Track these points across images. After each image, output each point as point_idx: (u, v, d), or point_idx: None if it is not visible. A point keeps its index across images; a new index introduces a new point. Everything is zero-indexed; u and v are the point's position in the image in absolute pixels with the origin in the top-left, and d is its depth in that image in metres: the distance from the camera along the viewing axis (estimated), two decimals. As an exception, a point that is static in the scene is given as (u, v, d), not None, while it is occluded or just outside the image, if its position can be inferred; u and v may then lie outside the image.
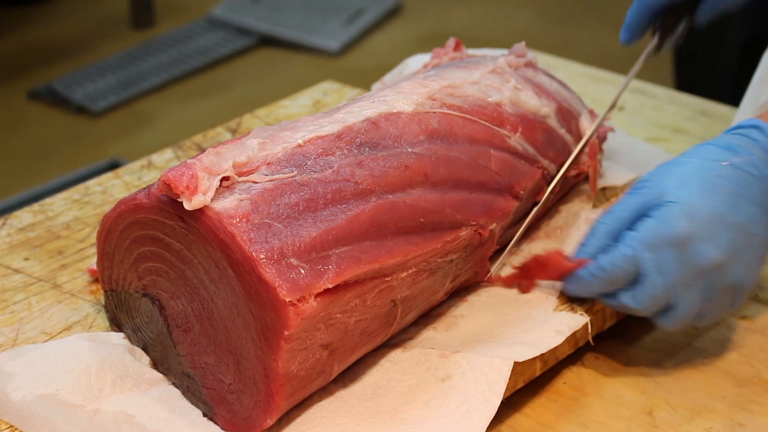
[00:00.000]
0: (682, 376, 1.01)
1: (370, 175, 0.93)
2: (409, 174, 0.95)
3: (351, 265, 0.88)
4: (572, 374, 1.01)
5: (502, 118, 1.05)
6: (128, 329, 0.99)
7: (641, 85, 1.51)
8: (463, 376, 0.92)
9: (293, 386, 0.88)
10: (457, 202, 0.97)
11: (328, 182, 0.91)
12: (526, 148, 1.06)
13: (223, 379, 0.90)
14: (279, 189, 0.89)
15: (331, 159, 0.93)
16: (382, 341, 0.96)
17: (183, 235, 0.89)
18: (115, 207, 0.94)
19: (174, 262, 0.91)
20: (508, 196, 1.03)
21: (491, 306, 1.04)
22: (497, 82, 1.09)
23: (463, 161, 1.00)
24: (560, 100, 1.13)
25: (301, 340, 0.86)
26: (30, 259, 1.11)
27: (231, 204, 0.86)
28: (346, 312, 0.89)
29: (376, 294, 0.91)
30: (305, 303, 0.84)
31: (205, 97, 3.21)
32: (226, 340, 0.89)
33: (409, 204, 0.94)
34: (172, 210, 0.88)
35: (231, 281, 0.86)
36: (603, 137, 1.21)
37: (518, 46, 1.18)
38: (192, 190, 0.86)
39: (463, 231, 0.97)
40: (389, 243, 0.91)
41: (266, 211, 0.87)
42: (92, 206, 1.19)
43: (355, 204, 0.91)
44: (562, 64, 1.56)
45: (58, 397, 0.91)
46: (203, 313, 0.90)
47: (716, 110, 1.45)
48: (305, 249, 0.86)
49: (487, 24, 3.86)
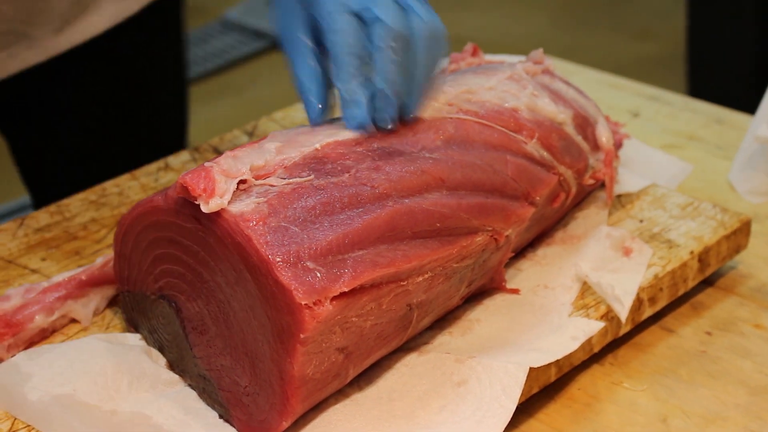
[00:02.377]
0: (696, 384, 1.01)
1: (387, 179, 0.93)
2: (426, 179, 0.95)
3: (367, 269, 0.88)
4: (587, 380, 1.01)
5: (518, 124, 1.06)
6: (145, 330, 0.99)
7: (656, 92, 1.51)
8: (479, 381, 0.93)
9: (309, 389, 0.88)
10: (473, 207, 0.97)
11: (345, 186, 0.91)
12: (542, 155, 1.06)
13: (239, 382, 0.90)
14: (296, 192, 0.89)
15: (348, 163, 0.94)
16: (398, 345, 0.97)
17: (200, 237, 0.89)
18: (132, 209, 0.95)
19: (191, 264, 0.91)
20: (524, 202, 1.03)
21: (506, 310, 1.04)
22: (514, 89, 1.09)
23: (480, 166, 1.00)
24: (577, 107, 1.14)
25: (317, 344, 0.86)
26: (47, 259, 1.12)
27: (248, 207, 0.87)
28: (362, 316, 0.89)
29: (392, 298, 0.91)
30: (321, 306, 0.85)
31: (220, 100, 3.22)
32: (242, 343, 0.89)
33: (426, 209, 0.94)
34: (188, 212, 0.89)
35: (247, 284, 0.87)
36: (619, 144, 1.21)
37: (536, 53, 1.18)
38: (209, 193, 0.86)
39: (479, 236, 0.98)
40: (405, 247, 0.92)
41: (283, 215, 0.87)
42: (109, 207, 1.20)
43: (372, 208, 0.91)
44: (577, 70, 1.56)
45: (74, 397, 0.91)
46: (219, 315, 0.91)
47: (731, 117, 1.45)
48: (321, 252, 0.87)
49: (500, 29, 3.86)
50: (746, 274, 1.16)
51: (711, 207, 1.17)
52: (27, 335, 0.99)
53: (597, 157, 1.14)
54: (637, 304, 1.05)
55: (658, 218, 1.15)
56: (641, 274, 1.06)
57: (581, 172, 1.11)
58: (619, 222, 1.15)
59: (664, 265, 1.08)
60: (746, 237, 1.16)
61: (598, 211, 1.16)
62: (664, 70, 3.59)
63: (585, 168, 1.12)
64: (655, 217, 1.16)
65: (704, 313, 1.11)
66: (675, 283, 1.09)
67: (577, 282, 1.06)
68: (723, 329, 1.08)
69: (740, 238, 1.15)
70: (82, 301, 1.03)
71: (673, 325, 1.09)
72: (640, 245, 1.08)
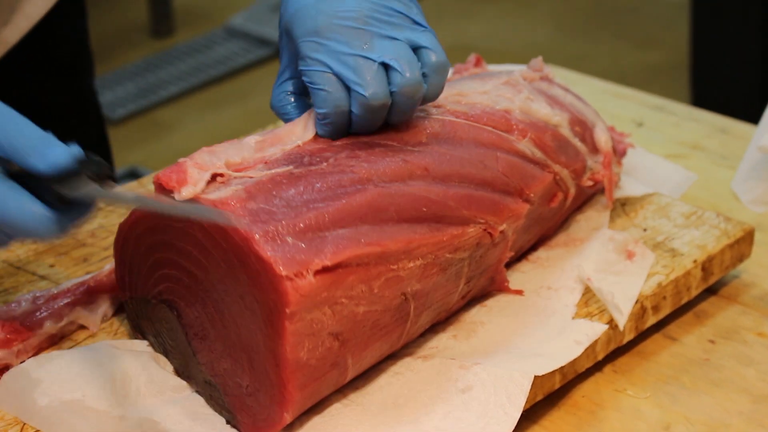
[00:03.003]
0: (699, 392, 1.02)
1: (368, 166, 0.95)
2: (409, 167, 0.97)
3: (350, 244, 0.89)
4: (591, 388, 1.02)
5: (509, 125, 1.07)
6: (150, 336, 1.00)
7: (660, 102, 1.52)
8: (484, 388, 0.93)
9: (305, 376, 0.89)
10: (461, 196, 0.98)
11: (325, 173, 0.93)
12: (534, 153, 1.07)
13: (240, 383, 0.91)
14: (274, 180, 0.92)
15: (327, 155, 0.96)
16: (399, 341, 0.97)
17: (189, 235, 0.91)
18: (130, 214, 0.96)
19: (186, 266, 0.93)
20: (517, 198, 1.04)
21: (510, 312, 1.05)
22: (509, 93, 1.10)
23: (468, 160, 1.01)
24: (574, 111, 1.15)
25: (306, 323, 0.87)
26: (55, 265, 1.13)
27: (226, 194, 0.89)
28: (352, 298, 0.90)
29: (383, 282, 0.92)
30: (303, 279, 0.86)
31: (223, 107, 3.23)
32: (238, 339, 0.90)
33: (409, 192, 0.95)
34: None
35: (235, 271, 0.88)
36: (623, 153, 1.22)
37: (535, 61, 1.19)
38: (181, 183, 0.89)
39: (471, 227, 0.99)
40: (390, 229, 0.93)
41: (261, 198, 0.90)
42: (117, 215, 1.21)
43: (351, 190, 0.93)
44: (582, 80, 1.57)
45: (83, 403, 0.92)
46: (216, 315, 0.92)
47: (735, 127, 1.46)
48: (301, 229, 0.88)
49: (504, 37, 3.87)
50: (749, 282, 1.17)
51: (714, 216, 1.17)
52: (36, 341, 1.00)
53: (596, 159, 1.14)
54: (641, 313, 1.06)
55: (662, 227, 1.16)
56: (643, 279, 1.06)
57: (579, 172, 1.12)
58: (623, 230, 1.16)
59: (667, 274, 1.09)
60: (749, 246, 1.17)
61: (600, 214, 1.17)
62: (668, 79, 3.60)
63: (583, 169, 1.13)
64: (659, 225, 1.17)
65: (707, 322, 1.11)
66: (678, 291, 1.09)
67: (580, 283, 1.06)
68: (726, 337, 1.09)
69: (743, 247, 1.16)
70: (91, 308, 1.04)
71: (677, 333, 1.10)
72: (643, 249, 1.09)
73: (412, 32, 0.99)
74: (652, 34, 3.99)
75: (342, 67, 0.96)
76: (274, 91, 1.04)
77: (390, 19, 0.99)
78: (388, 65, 0.97)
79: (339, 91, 0.97)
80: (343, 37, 0.97)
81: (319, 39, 0.97)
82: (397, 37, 0.98)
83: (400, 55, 0.97)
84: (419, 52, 0.99)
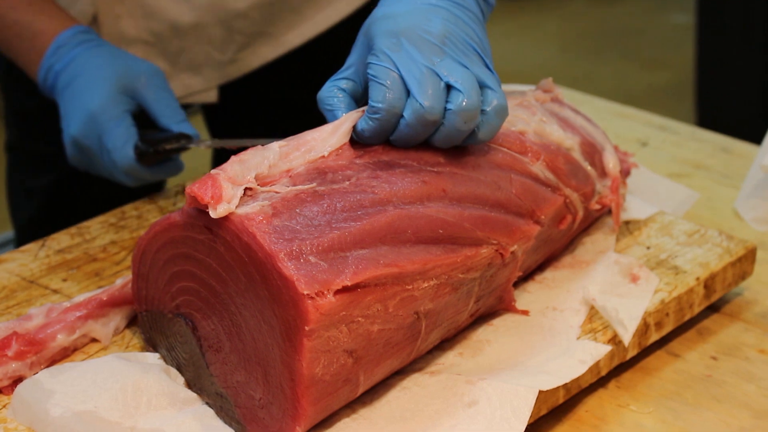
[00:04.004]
0: (701, 407, 1.03)
1: (388, 187, 0.96)
2: (428, 189, 0.98)
3: (369, 266, 0.91)
4: (594, 403, 1.03)
5: (524, 147, 1.08)
6: (163, 349, 1.02)
7: (664, 122, 1.53)
8: (489, 402, 0.95)
9: (319, 391, 0.90)
10: (476, 218, 1.00)
11: (346, 192, 0.95)
12: (547, 176, 1.08)
13: (253, 395, 0.93)
14: (298, 198, 0.93)
15: (349, 173, 0.97)
16: (409, 357, 0.99)
17: (212, 248, 0.92)
18: (149, 229, 0.98)
19: (205, 279, 0.94)
20: (529, 220, 1.05)
21: (515, 331, 1.06)
22: (524, 114, 1.12)
23: (483, 182, 1.02)
24: (585, 134, 1.16)
25: (324, 340, 0.89)
26: (68, 280, 1.15)
27: (253, 209, 0.91)
28: (368, 317, 0.91)
29: (398, 302, 0.94)
30: (323, 298, 0.88)
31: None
32: (254, 352, 0.92)
33: (428, 214, 0.97)
34: (201, 224, 0.92)
35: (256, 286, 0.90)
36: (627, 172, 1.24)
37: (545, 82, 1.21)
38: (217, 199, 0.90)
39: (484, 248, 1.00)
40: (408, 250, 0.94)
41: (286, 216, 0.91)
42: (128, 230, 1.23)
43: (372, 211, 0.94)
44: (587, 100, 1.58)
45: (95, 414, 0.93)
46: (232, 328, 0.93)
47: (737, 147, 1.47)
48: (323, 249, 0.90)
49: (510, 57, 3.89)
50: (751, 300, 1.18)
51: (717, 234, 1.19)
52: (49, 353, 1.02)
53: (604, 183, 1.16)
54: (644, 329, 1.07)
55: (665, 245, 1.18)
56: (647, 301, 1.08)
57: (588, 196, 1.13)
58: (627, 248, 1.17)
59: (670, 291, 1.10)
60: (752, 264, 1.18)
61: (606, 237, 1.18)
62: (674, 99, 3.61)
63: (592, 192, 1.14)
64: (662, 243, 1.18)
65: (710, 338, 1.13)
66: (681, 308, 1.11)
67: (585, 305, 1.08)
68: (728, 354, 1.10)
69: (746, 265, 1.17)
70: (103, 321, 1.05)
71: (679, 349, 1.11)
72: (647, 273, 1.11)
73: (482, 71, 1.01)
74: (658, 55, 4.01)
75: (409, 73, 0.98)
76: (327, 84, 1.05)
77: (466, 51, 1.01)
78: (452, 86, 0.98)
79: (399, 91, 0.98)
80: (420, 46, 0.99)
81: (398, 39, 0.99)
82: (468, 68, 0.99)
83: (466, 81, 0.98)
84: (484, 90, 1.00)
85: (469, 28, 1.03)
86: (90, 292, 1.07)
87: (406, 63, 0.98)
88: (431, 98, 0.97)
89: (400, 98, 0.97)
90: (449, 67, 0.98)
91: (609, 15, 4.38)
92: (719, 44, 3.12)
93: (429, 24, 1.00)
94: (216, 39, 1.39)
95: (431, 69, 0.98)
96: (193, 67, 1.40)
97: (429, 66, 0.98)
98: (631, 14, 4.38)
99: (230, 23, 1.38)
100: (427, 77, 0.97)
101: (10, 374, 0.99)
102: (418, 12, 1.01)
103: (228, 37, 1.39)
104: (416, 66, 0.98)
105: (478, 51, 1.02)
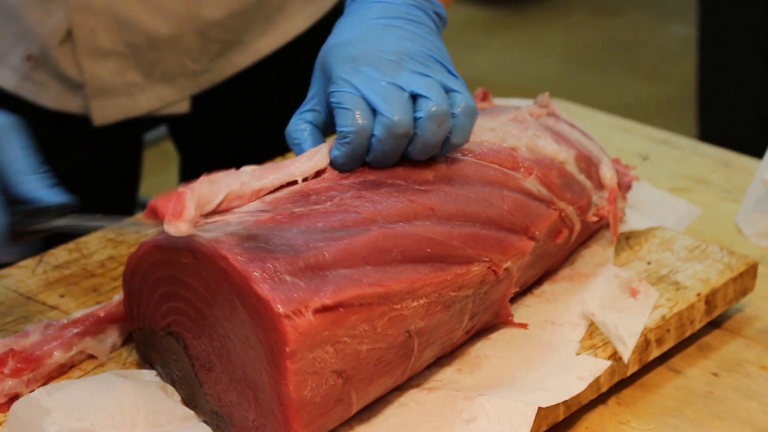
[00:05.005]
0: (703, 424, 1.03)
1: (372, 206, 0.96)
2: (414, 207, 0.97)
3: (351, 285, 0.90)
4: (594, 419, 1.03)
5: (516, 162, 1.08)
6: (158, 366, 1.01)
7: (666, 136, 1.53)
8: (488, 418, 0.94)
9: (310, 413, 0.89)
10: (466, 236, 0.99)
11: (328, 213, 0.94)
12: (540, 190, 1.08)
13: (247, 416, 0.92)
14: (275, 219, 0.92)
15: (333, 194, 0.96)
16: (403, 375, 0.98)
17: (197, 273, 0.92)
18: (139, 247, 0.97)
19: (192, 301, 0.94)
20: (523, 236, 1.04)
21: (514, 346, 1.06)
22: (516, 129, 1.11)
23: (474, 199, 1.02)
24: (580, 147, 1.16)
25: (309, 362, 0.88)
26: (65, 296, 1.14)
27: (224, 232, 0.90)
28: (354, 337, 0.91)
29: (387, 321, 0.93)
30: (301, 317, 0.87)
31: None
32: (244, 376, 0.91)
33: (414, 233, 0.96)
34: (185, 247, 0.91)
35: (239, 311, 0.89)
36: (628, 186, 1.23)
37: (542, 97, 1.20)
38: (176, 216, 0.88)
39: (476, 266, 0.99)
40: (394, 269, 0.93)
41: (261, 237, 0.90)
42: (126, 245, 1.22)
43: (355, 231, 0.93)
44: (588, 114, 1.58)
45: (92, 432, 0.93)
46: (222, 351, 0.93)
47: (739, 161, 1.47)
48: (301, 268, 0.89)
49: (511, 70, 3.89)
50: (753, 316, 1.18)
51: (718, 250, 1.18)
52: (45, 370, 1.01)
53: (601, 195, 1.15)
54: (645, 345, 1.06)
55: (665, 260, 1.17)
56: (647, 316, 1.07)
57: (584, 209, 1.13)
58: (628, 264, 1.17)
59: (671, 307, 1.10)
60: (753, 279, 1.18)
61: (605, 250, 1.18)
62: (676, 112, 3.61)
63: (588, 205, 1.14)
64: (662, 259, 1.17)
65: (711, 355, 1.12)
66: (682, 324, 1.10)
67: (584, 319, 1.07)
68: (729, 370, 1.10)
69: (747, 281, 1.17)
70: (100, 338, 1.05)
71: (680, 365, 1.11)
72: (646, 287, 1.10)
73: (445, 77, 1.00)
74: (660, 67, 4.01)
75: (371, 92, 0.97)
76: (293, 119, 1.05)
77: (426, 62, 1.01)
78: (417, 95, 0.98)
79: (365, 112, 0.97)
80: (377, 67, 0.99)
81: (354, 65, 0.99)
82: (430, 75, 0.99)
83: (430, 87, 0.98)
84: (450, 94, 1.00)
85: (426, 41, 1.03)
86: (87, 309, 1.06)
87: (367, 83, 0.98)
88: (398, 110, 0.96)
89: (367, 118, 0.97)
90: (410, 78, 0.98)
91: (610, 27, 4.38)
92: (720, 56, 3.12)
93: (382, 44, 1.00)
94: (192, 49, 1.38)
95: (392, 83, 0.98)
96: (167, 77, 1.39)
97: (390, 81, 0.98)
98: (633, 26, 4.38)
99: (206, 33, 1.37)
100: (390, 91, 0.97)
101: (6, 392, 0.99)
102: (370, 35, 1.02)
103: (204, 47, 1.38)
104: (377, 83, 0.97)
105: (438, 60, 1.02)
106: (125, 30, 1.32)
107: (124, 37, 1.33)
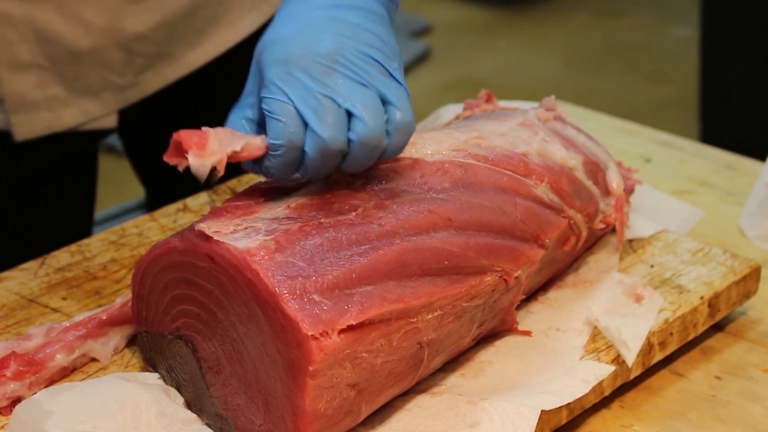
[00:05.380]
0: (706, 428, 1.02)
1: (394, 217, 0.96)
2: (433, 218, 0.97)
3: (375, 303, 0.90)
4: (598, 423, 1.03)
5: (528, 169, 1.08)
6: (162, 370, 1.01)
7: (668, 138, 1.53)
8: (491, 422, 0.94)
9: (321, 425, 0.89)
10: (482, 246, 0.99)
11: (352, 224, 0.94)
12: (551, 198, 1.08)
13: (254, 420, 0.92)
14: (302, 230, 0.92)
15: (355, 203, 0.96)
16: (410, 385, 0.98)
17: (213, 276, 0.91)
18: (150, 250, 0.97)
19: (206, 304, 0.94)
20: (533, 244, 1.05)
21: (518, 352, 1.05)
22: (526, 134, 1.11)
23: (488, 207, 1.02)
24: (588, 152, 1.16)
25: (327, 378, 0.88)
26: (68, 298, 1.14)
27: (255, 243, 0.90)
28: (372, 352, 0.91)
29: (402, 335, 0.93)
30: (328, 338, 0.87)
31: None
32: (256, 381, 0.91)
33: (434, 246, 0.96)
34: (203, 252, 0.91)
35: (259, 320, 0.89)
36: (631, 190, 1.23)
37: (548, 100, 1.20)
38: (200, 147, 0.89)
39: (488, 276, 0.99)
40: (414, 284, 0.93)
41: (290, 251, 0.90)
42: (128, 248, 1.22)
43: (379, 245, 0.93)
44: (591, 116, 1.58)
45: (94, 435, 0.93)
46: (234, 354, 0.93)
47: (742, 164, 1.46)
48: (328, 287, 0.89)
49: (515, 72, 3.89)
50: (756, 319, 1.18)
51: (721, 253, 1.18)
52: (48, 373, 1.01)
53: (608, 201, 1.15)
54: (648, 348, 1.06)
55: (669, 263, 1.17)
56: (651, 321, 1.07)
57: (591, 216, 1.13)
58: (631, 267, 1.17)
59: (674, 310, 1.09)
60: (756, 283, 1.17)
61: (609, 256, 1.18)
62: (678, 114, 3.61)
63: (595, 212, 1.13)
64: (666, 262, 1.17)
65: (714, 358, 1.12)
66: (685, 327, 1.10)
67: (588, 326, 1.07)
68: (732, 374, 1.10)
69: (750, 284, 1.17)
70: (102, 341, 1.05)
71: (683, 369, 1.10)
72: (651, 293, 1.10)
73: (385, 85, 0.96)
74: (662, 69, 4.01)
75: (304, 104, 0.93)
76: (232, 114, 1.00)
77: (365, 66, 0.96)
78: (352, 113, 0.94)
79: (296, 125, 0.93)
80: (312, 72, 0.94)
81: (287, 69, 0.94)
82: (367, 86, 0.95)
83: (366, 105, 0.94)
84: (387, 107, 0.95)
85: (368, 34, 0.97)
86: (89, 312, 1.06)
87: (300, 93, 0.93)
88: (331, 129, 0.92)
89: (298, 132, 0.93)
90: (346, 90, 0.94)
91: (613, 29, 4.38)
92: (723, 58, 3.12)
93: (319, 44, 0.95)
94: (115, 63, 1.32)
95: (327, 96, 0.93)
96: (91, 91, 1.33)
97: (324, 93, 0.93)
98: (635, 28, 4.38)
99: (130, 46, 1.32)
100: (324, 106, 0.93)
101: (8, 395, 0.99)
102: (308, 31, 0.96)
103: (128, 60, 1.33)
104: (310, 95, 0.93)
105: (377, 60, 0.96)
106: (44, 42, 1.27)
107: (44, 49, 1.27)
